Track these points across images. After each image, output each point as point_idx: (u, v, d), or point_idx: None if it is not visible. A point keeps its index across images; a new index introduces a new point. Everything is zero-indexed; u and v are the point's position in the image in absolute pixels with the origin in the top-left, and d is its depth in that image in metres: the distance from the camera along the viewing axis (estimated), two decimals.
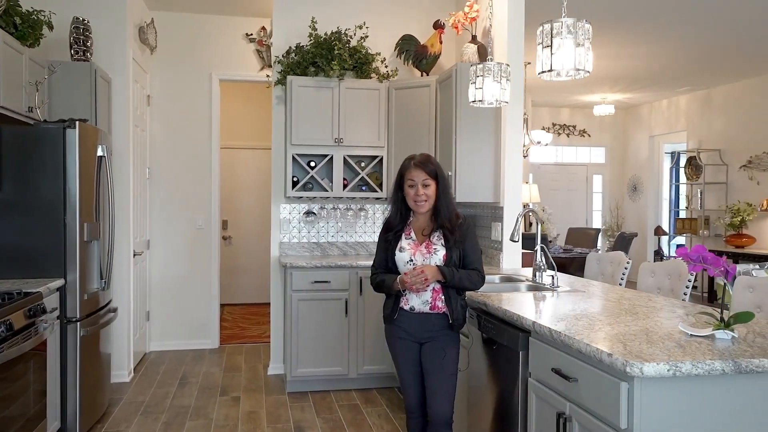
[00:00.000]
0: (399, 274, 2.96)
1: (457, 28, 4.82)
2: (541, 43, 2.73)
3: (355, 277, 4.90)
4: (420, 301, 2.93)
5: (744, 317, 2.20)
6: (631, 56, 7.66)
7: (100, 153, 4.30)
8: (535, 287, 3.63)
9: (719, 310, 2.28)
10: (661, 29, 6.56)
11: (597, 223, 12.03)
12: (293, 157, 5.16)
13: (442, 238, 2.95)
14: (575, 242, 9.65)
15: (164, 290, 6.24)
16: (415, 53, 5.27)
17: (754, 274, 4.90)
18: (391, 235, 3.03)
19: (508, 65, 3.59)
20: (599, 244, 10.04)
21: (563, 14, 2.72)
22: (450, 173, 4.59)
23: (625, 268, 4.28)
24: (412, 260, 2.94)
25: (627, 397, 1.91)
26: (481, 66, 3.56)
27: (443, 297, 2.93)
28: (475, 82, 3.59)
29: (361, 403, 4.70)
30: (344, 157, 5.21)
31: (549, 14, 2.82)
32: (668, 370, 1.85)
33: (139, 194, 5.65)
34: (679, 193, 11.38)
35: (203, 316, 6.34)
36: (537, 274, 3.75)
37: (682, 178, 10.53)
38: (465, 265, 2.95)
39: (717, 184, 9.53)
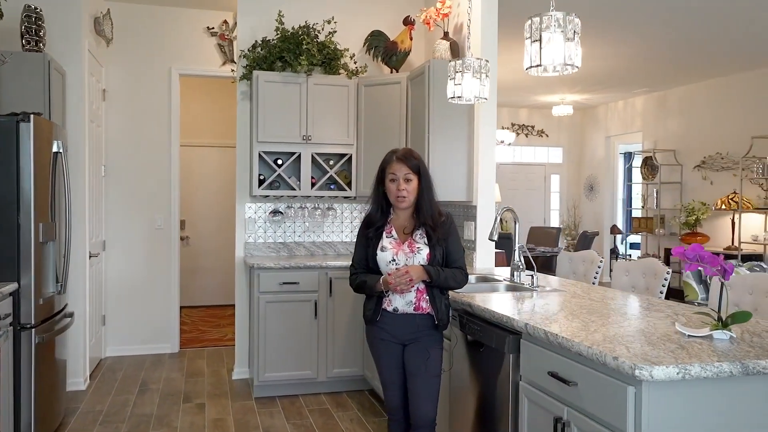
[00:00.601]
0: (380, 273, 2.86)
1: (428, 24, 4.74)
2: (530, 37, 2.66)
3: (325, 277, 4.77)
4: (404, 301, 2.84)
5: (741, 317, 2.17)
6: (592, 57, 7.74)
7: (55, 149, 4.05)
8: (514, 287, 3.57)
9: (715, 310, 2.25)
10: (621, 31, 6.62)
11: (555, 222, 12.18)
12: (260, 154, 4.99)
13: (425, 237, 2.86)
14: (537, 241, 9.72)
15: (121, 293, 5.97)
16: (385, 49, 5.17)
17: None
18: (371, 231, 2.92)
19: (487, 61, 3.52)
20: (560, 243, 10.14)
21: (551, 8, 2.66)
22: None
23: (599, 267, 4.28)
24: (394, 260, 2.84)
25: (634, 402, 1.85)
26: (460, 62, 3.48)
27: (428, 297, 2.84)
28: (454, 78, 3.51)
29: (331, 407, 4.57)
30: (312, 155, 5.07)
31: (520, 10, 2.76)
32: (677, 373, 1.80)
33: (94, 193, 5.39)
34: (631, 193, 11.61)
35: (162, 319, 6.10)
36: (515, 273, 3.70)
37: (636, 177, 10.73)
38: (448, 263, 2.87)
39: (672, 183, 9.74)
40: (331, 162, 5.16)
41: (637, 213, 10.81)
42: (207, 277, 8.63)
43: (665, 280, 3.70)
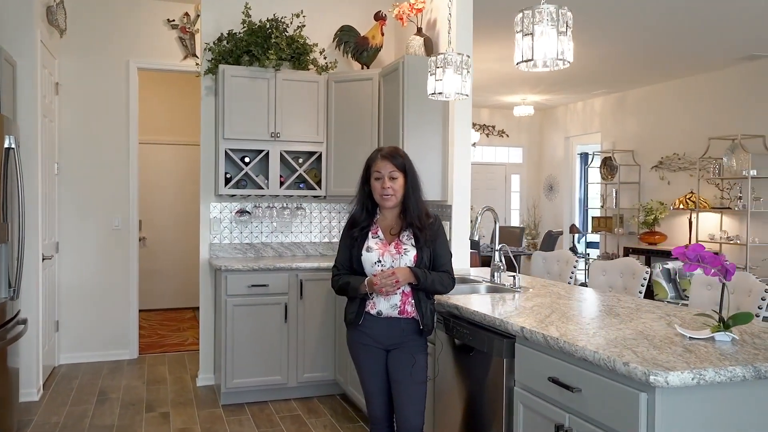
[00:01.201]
0: (365, 275, 2.74)
1: (402, 19, 4.64)
2: (521, 30, 2.58)
3: (295, 279, 4.61)
4: (388, 305, 2.72)
5: (743, 318, 2.13)
6: None
7: (7, 144, 3.79)
8: (496, 289, 3.50)
9: (716, 311, 2.20)
10: (581, 33, 6.60)
11: (515, 221, 12.25)
12: (226, 152, 4.80)
13: (413, 238, 2.76)
14: (501, 241, 9.71)
15: (76, 297, 5.68)
16: (356, 45, 5.04)
17: (689, 272, 5.02)
18: (356, 231, 2.80)
19: (468, 56, 3.44)
20: (524, 242, 10.18)
21: (542, 1, 2.59)
22: None
23: (574, 267, 4.25)
24: (380, 261, 2.73)
25: (646, 408, 1.78)
26: (441, 57, 3.38)
27: (413, 301, 2.73)
28: (435, 74, 3.41)
29: (303, 413, 4.42)
30: (281, 153, 4.90)
31: (485, 8, 2.67)
32: (692, 379, 1.73)
33: (47, 192, 5.10)
34: (587, 193, 11.76)
35: (120, 324, 5.83)
36: (495, 274, 3.63)
37: (593, 177, 10.85)
38: (435, 266, 2.77)
39: (630, 183, 9.88)
40: (301, 160, 5.00)
41: (595, 212, 10.94)
42: (164, 280, 8.34)
43: (644, 279, 3.68)
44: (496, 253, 3.63)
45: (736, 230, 8.08)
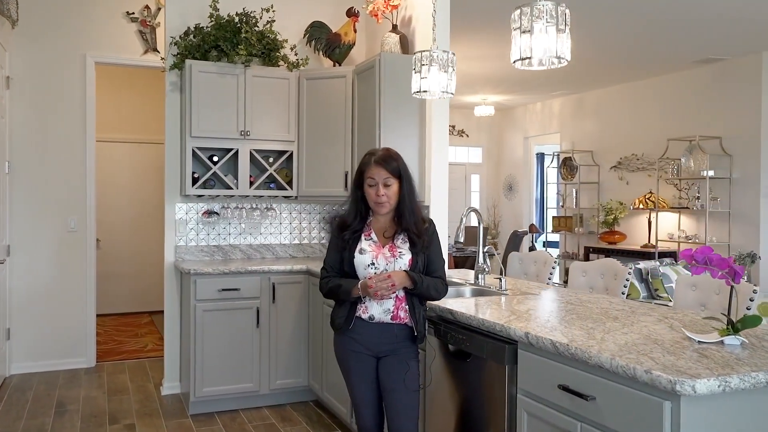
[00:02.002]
0: (356, 278, 2.63)
1: (377, 16, 4.53)
2: (519, 27, 2.51)
3: (267, 283, 4.45)
4: (381, 309, 2.61)
5: (752, 322, 2.10)
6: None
7: None
8: (481, 291, 3.42)
9: (725, 314, 2.17)
10: None
11: (475, 221, 12.27)
12: (193, 150, 4.59)
13: (408, 242, 2.66)
14: (466, 241, 9.73)
15: (28, 303, 5.37)
16: (327, 41, 4.90)
17: (661, 270, 5.08)
18: (348, 233, 2.68)
19: (454, 54, 3.35)
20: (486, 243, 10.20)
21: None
22: None
23: (553, 268, 4.22)
24: (373, 263, 2.62)
25: (671, 417, 1.72)
26: (427, 54, 3.29)
27: (406, 306, 2.63)
28: (420, 72, 3.31)
29: (276, 421, 4.26)
30: (251, 152, 4.73)
31: (463, 7, 2.59)
32: (719, 386, 1.68)
33: None
34: (543, 193, 11.90)
35: (77, 330, 5.54)
36: (480, 276, 3.56)
37: (552, 178, 10.97)
38: (429, 272, 2.68)
39: (590, 183, 10.02)
40: (271, 159, 4.84)
41: (553, 212, 11.06)
42: (121, 283, 8.01)
43: (626, 280, 3.67)
44: (480, 256, 3.56)
45: (694, 229, 8.26)
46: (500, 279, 3.38)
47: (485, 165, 12.33)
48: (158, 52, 5.63)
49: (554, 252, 11.23)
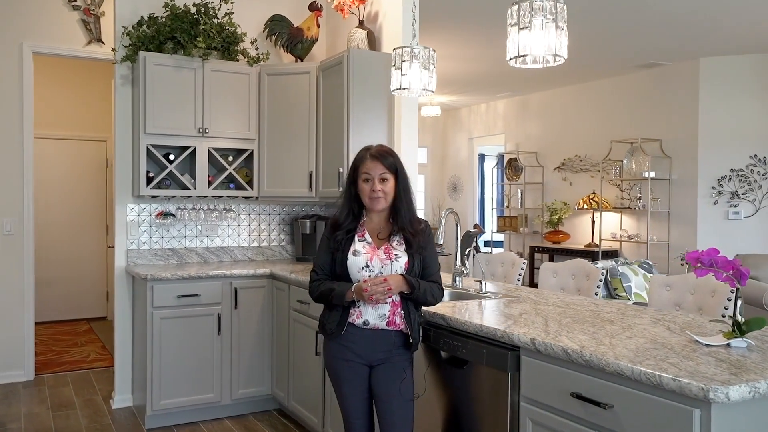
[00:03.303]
0: (349, 281, 2.50)
1: (342, 11, 4.40)
2: (517, 24, 2.45)
3: (229, 288, 4.25)
4: (376, 314, 2.50)
5: (757, 324, 2.10)
6: (464, 59, 7.78)
7: None
8: (462, 295, 3.35)
9: (729, 317, 2.17)
10: (488, 34, 6.63)
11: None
12: (147, 148, 4.33)
13: (404, 244, 2.55)
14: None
15: None
16: (289, 36, 4.73)
17: (620, 270, 5.16)
18: (341, 234, 2.55)
19: (434, 50, 3.27)
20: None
21: None
22: (341, 170, 4.16)
23: (521, 269, 4.21)
24: (368, 266, 2.50)
25: (700, 425, 1.68)
26: (408, 50, 3.19)
27: (402, 312, 2.52)
28: (400, 68, 3.21)
29: None
30: (209, 150, 4.51)
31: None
32: (749, 392, 1.66)
33: None
34: (484, 193, 12.05)
35: (12, 341, 5.15)
36: (458, 279, 3.49)
37: (494, 178, 11.08)
38: (424, 276, 2.58)
39: (534, 184, 10.17)
40: (231, 158, 4.63)
41: (495, 212, 11.17)
42: (57, 289, 7.54)
43: (600, 281, 3.69)
44: (458, 257, 3.50)
45: (635, 229, 8.50)
46: (481, 282, 3.32)
47: (430, 165, 12.35)
48: (103, 43, 5.31)
49: (498, 251, 11.36)
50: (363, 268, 2.48)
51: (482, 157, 12.07)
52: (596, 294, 3.63)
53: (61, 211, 7.60)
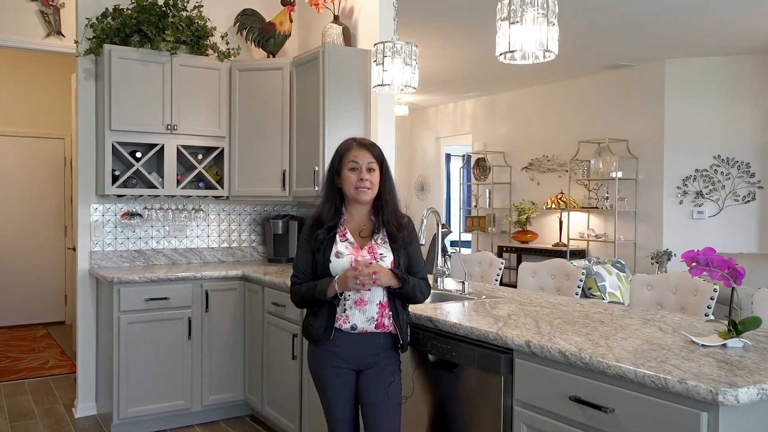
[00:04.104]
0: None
1: (317, 5, 4.29)
2: (507, 18, 2.38)
3: (200, 290, 4.10)
4: (364, 318, 2.40)
5: (752, 323, 2.08)
6: (436, 58, 7.72)
7: None
8: (443, 296, 3.28)
9: (727, 316, 2.14)
10: (454, 34, 6.59)
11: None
12: (113, 146, 4.15)
13: (388, 241, 2.46)
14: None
15: None
16: (261, 31, 4.60)
17: (595, 270, 5.16)
18: (322, 233, 2.43)
19: (416, 46, 3.19)
20: None
21: None
22: (317, 168, 4.05)
23: (500, 269, 4.17)
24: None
25: (707, 428, 1.64)
26: (389, 45, 3.11)
27: (390, 313, 2.43)
28: (382, 64, 3.12)
29: None
30: (178, 148, 4.34)
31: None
32: (757, 394, 1.62)
33: None
34: (450, 193, 12.06)
35: None
36: (438, 280, 3.42)
37: (459, 178, 11.09)
38: (411, 273, 2.50)
39: (502, 184, 10.19)
40: (200, 156, 4.48)
41: (460, 212, 11.18)
42: (10, 293, 7.23)
43: (580, 281, 3.66)
44: (438, 258, 3.43)
45: (602, 228, 8.58)
46: (464, 283, 3.25)
47: (397, 165, 12.22)
48: (63, 35, 5.07)
49: (466, 251, 11.36)
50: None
51: (448, 157, 12.07)
52: (576, 294, 3.60)
53: (16, 212, 7.28)
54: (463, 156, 10.96)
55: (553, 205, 9.01)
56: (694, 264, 2.14)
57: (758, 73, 7.57)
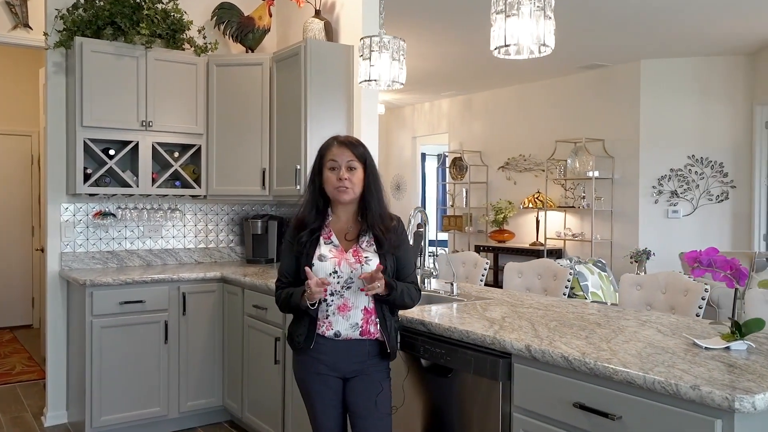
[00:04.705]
0: None
1: (299, 0, 4.17)
2: (503, 11, 2.31)
3: (176, 293, 3.96)
4: (348, 325, 2.30)
5: (756, 325, 2.03)
6: (412, 56, 7.63)
7: None
8: (431, 297, 3.20)
9: (730, 318, 2.09)
10: (431, 32, 6.53)
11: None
12: (84, 143, 3.98)
13: (374, 244, 2.36)
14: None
15: None
16: (239, 25, 4.47)
17: (577, 269, 5.14)
18: (305, 236, 2.33)
19: (404, 41, 3.10)
20: None
21: None
22: (299, 167, 3.94)
23: (485, 269, 4.11)
24: (336, 272, 2.30)
25: None
26: (377, 39, 3.02)
27: (377, 320, 2.34)
28: (369, 58, 3.03)
29: None
30: (153, 145, 4.19)
31: None
32: None
33: None
34: (426, 192, 12.01)
35: None
36: (426, 281, 3.34)
37: (433, 177, 11.05)
38: (400, 278, 2.40)
39: (478, 183, 10.17)
40: (176, 154, 4.33)
41: (432, 211, 11.14)
42: None
43: (568, 281, 3.62)
44: (425, 258, 3.34)
45: (579, 228, 8.60)
46: (452, 284, 3.18)
47: None
48: (31, 28, 4.86)
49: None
50: (330, 274, 2.28)
51: (423, 156, 12.02)
52: (564, 294, 3.55)
53: None
54: (438, 156, 10.91)
55: (530, 205, 9.01)
56: (696, 264, 2.09)
57: (730, 73, 7.65)
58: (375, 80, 3.06)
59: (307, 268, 2.23)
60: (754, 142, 7.51)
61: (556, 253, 8.71)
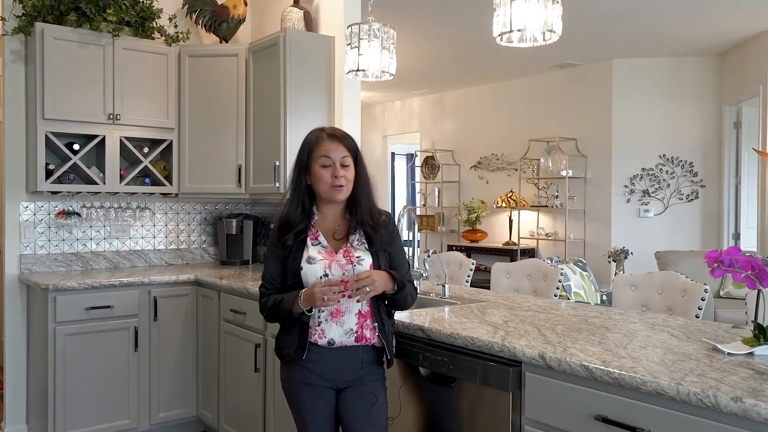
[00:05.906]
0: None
1: None
2: None
3: (147, 297, 3.72)
4: (342, 331, 2.13)
5: None
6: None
7: None
8: (423, 300, 3.04)
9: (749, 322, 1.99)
10: (410, 27, 6.39)
11: None
12: (46, 136, 3.72)
13: (365, 242, 2.19)
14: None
15: None
16: (213, 14, 4.25)
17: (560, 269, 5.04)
18: (290, 238, 2.15)
19: (393, 29, 2.94)
20: None
21: None
22: (278, 163, 3.74)
23: (470, 270, 3.98)
24: (327, 275, 2.12)
25: None
26: (366, 27, 2.85)
27: (375, 324, 2.17)
28: (358, 47, 2.86)
29: None
30: (121, 140, 3.94)
31: None
32: None
33: None
34: (395, 191, 11.89)
35: None
36: (415, 283, 3.17)
37: (401, 177, 10.93)
38: None
39: (450, 183, 10.07)
40: (146, 149, 4.08)
41: (399, 210, 11.01)
42: None
43: (559, 282, 3.51)
44: (415, 260, 3.19)
45: (552, 227, 8.57)
46: (444, 286, 3.03)
47: None
48: None
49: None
50: (321, 277, 2.11)
51: (393, 155, 11.89)
52: (555, 295, 3.44)
53: None
54: (407, 155, 10.79)
55: (503, 204, 8.94)
56: (716, 264, 1.98)
57: (700, 73, 7.70)
58: (363, 70, 2.90)
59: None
60: (723, 142, 7.56)
61: (529, 253, 8.65)
